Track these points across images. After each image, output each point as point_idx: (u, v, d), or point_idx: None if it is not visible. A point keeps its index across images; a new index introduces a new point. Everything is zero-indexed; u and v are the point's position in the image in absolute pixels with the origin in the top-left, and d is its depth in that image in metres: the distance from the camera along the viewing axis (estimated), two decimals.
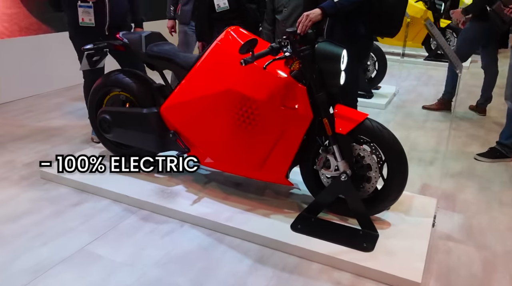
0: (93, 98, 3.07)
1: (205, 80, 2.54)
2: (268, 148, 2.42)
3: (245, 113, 2.40)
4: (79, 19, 3.21)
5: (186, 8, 4.20)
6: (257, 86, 2.36)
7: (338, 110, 2.33)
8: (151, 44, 2.78)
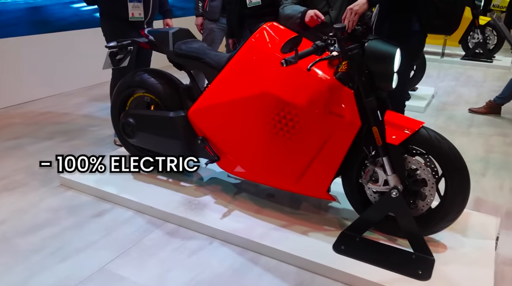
0: (115, 100, 2.87)
1: (237, 82, 2.30)
2: (308, 158, 2.16)
3: (283, 119, 2.15)
4: (129, 14, 3.16)
5: (214, 3, 3.93)
6: (298, 89, 2.11)
7: (389, 117, 2.05)
8: (178, 42, 2.56)
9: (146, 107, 2.79)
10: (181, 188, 2.69)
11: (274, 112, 2.16)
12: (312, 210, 2.48)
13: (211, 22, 3.98)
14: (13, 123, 3.93)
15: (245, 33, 3.44)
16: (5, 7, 4.31)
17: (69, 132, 3.75)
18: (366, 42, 1.99)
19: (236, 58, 2.33)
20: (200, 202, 2.54)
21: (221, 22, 3.91)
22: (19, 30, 4.44)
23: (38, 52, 4.65)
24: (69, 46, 4.97)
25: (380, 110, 2.05)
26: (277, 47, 2.19)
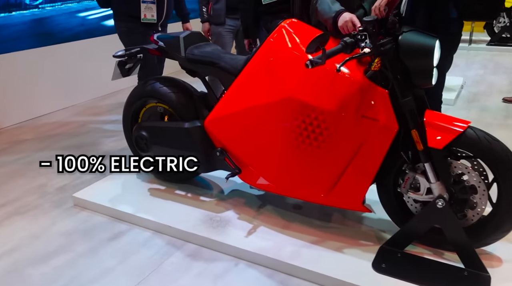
0: (127, 112, 2.70)
1: (257, 87, 2.10)
2: (339, 168, 1.95)
3: (309, 126, 1.93)
4: (141, 15, 3.09)
5: (218, 6, 3.65)
6: (325, 92, 1.89)
7: (429, 117, 1.82)
8: (190, 46, 2.37)
9: (160, 118, 2.62)
10: (201, 203, 2.50)
11: (299, 119, 1.95)
12: (345, 222, 2.26)
13: (217, 26, 3.72)
14: (25, 139, 3.81)
15: (261, 32, 3.23)
16: (11, 20, 4.18)
17: (82, 146, 3.60)
18: (400, 35, 1.77)
19: (254, 61, 2.12)
20: (222, 218, 2.35)
21: (228, 24, 3.68)
22: (25, 43, 4.32)
23: (47, 64, 4.53)
24: (78, 56, 4.84)
25: (419, 111, 1.82)
26: (298, 47, 1.98)
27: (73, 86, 4.80)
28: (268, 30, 3.18)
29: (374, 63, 1.70)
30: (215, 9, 3.67)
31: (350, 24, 1.87)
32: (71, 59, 4.76)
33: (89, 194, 2.65)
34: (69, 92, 4.76)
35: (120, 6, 3.15)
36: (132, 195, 2.62)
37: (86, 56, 4.90)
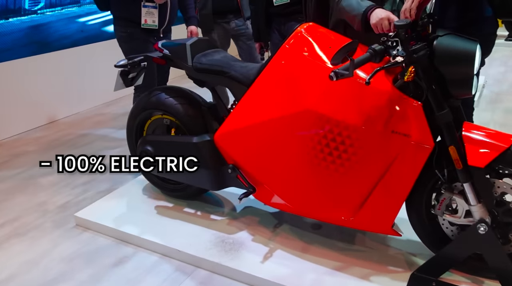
0: (131, 125, 2.52)
1: (271, 98, 1.90)
2: (366, 188, 1.75)
3: (332, 142, 1.73)
4: (142, 21, 2.89)
5: (204, 12, 3.34)
6: (349, 105, 1.69)
7: (468, 131, 1.62)
8: (198, 54, 2.17)
9: (166, 131, 2.43)
10: (211, 223, 2.32)
11: (319, 134, 1.75)
12: (370, 244, 2.06)
13: (207, 32, 3.41)
14: (26, 151, 3.64)
15: (273, 35, 3.03)
16: (10, 27, 4.02)
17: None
18: (435, 40, 1.56)
19: (268, 70, 1.93)
20: (235, 240, 2.16)
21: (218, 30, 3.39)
22: (24, 50, 4.15)
23: (48, 71, 4.36)
24: (80, 63, 4.66)
25: (455, 123, 1.62)
26: (318, 54, 1.78)
27: (75, 94, 4.63)
28: (280, 33, 2.99)
29: (407, 73, 1.49)
30: (202, 15, 3.37)
31: (386, 23, 1.61)
32: (72, 65, 4.58)
33: (92, 213, 2.47)
34: (71, 100, 4.59)
35: (119, 10, 2.95)
36: (137, 213, 2.44)
37: (88, 62, 4.72)
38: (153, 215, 2.42)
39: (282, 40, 3.02)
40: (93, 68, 4.75)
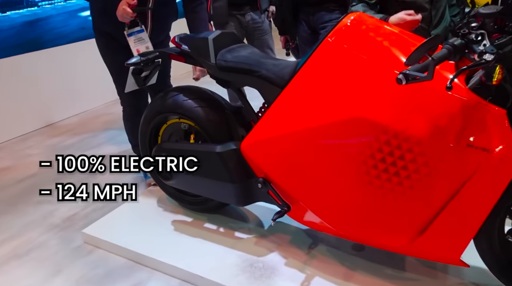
0: (144, 130, 2.24)
1: (312, 102, 1.61)
2: (431, 211, 1.46)
3: (389, 157, 1.44)
4: (134, 54, 2.23)
5: (218, 4, 3.00)
6: (412, 112, 1.39)
7: None
8: (222, 50, 1.88)
9: (183, 137, 2.15)
10: (237, 242, 2.04)
11: (373, 147, 1.46)
12: (425, 270, 1.77)
13: (220, 26, 3.08)
14: (29, 155, 3.38)
15: (300, 27, 2.71)
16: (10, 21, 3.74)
17: None
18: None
19: (307, 68, 1.63)
20: (265, 264, 1.88)
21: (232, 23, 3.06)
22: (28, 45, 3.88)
23: (52, 68, 4.09)
24: (86, 58, 4.37)
25: None
26: (369, 50, 1.48)
27: (80, 91, 4.34)
28: (308, 25, 2.68)
29: (496, 74, 1.19)
30: (215, 8, 3.02)
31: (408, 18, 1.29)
32: (78, 60, 4.30)
33: (102, 229, 2.21)
34: (78, 97, 4.32)
35: (97, 23, 2.41)
36: (152, 229, 2.17)
37: (92, 57, 4.42)
38: (170, 232, 2.15)
39: (310, 33, 2.75)
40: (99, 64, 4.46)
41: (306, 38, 2.73)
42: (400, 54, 1.44)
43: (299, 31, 2.73)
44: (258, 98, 1.94)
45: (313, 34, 2.69)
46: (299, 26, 2.71)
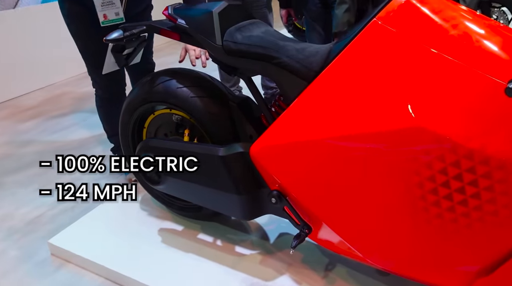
0: (126, 120, 1.84)
1: (350, 102, 1.25)
2: (503, 248, 1.15)
3: (456, 181, 1.11)
4: (100, 19, 1.89)
5: None
6: (493, 126, 1.06)
7: None
8: (230, 28, 1.48)
9: (175, 131, 1.77)
10: (238, 260, 1.70)
11: (435, 167, 1.12)
12: None
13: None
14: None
15: (310, 1, 2.32)
16: None
17: (64, 150, 2.73)
18: None
19: (344, 58, 1.26)
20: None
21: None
22: None
23: (11, 32, 3.55)
24: (50, 21, 3.82)
25: None
26: (439, 39, 1.13)
27: (45, 62, 3.82)
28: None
29: None
30: None
31: None
32: (39, 25, 3.75)
33: (72, 239, 1.83)
34: (40, 69, 3.79)
35: None
36: (135, 241, 1.82)
37: (58, 22, 3.89)
38: (157, 245, 1.79)
39: (321, 6, 2.35)
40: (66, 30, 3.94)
41: (316, 12, 2.34)
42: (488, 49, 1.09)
43: (308, 3, 2.33)
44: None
45: (325, 8, 2.30)
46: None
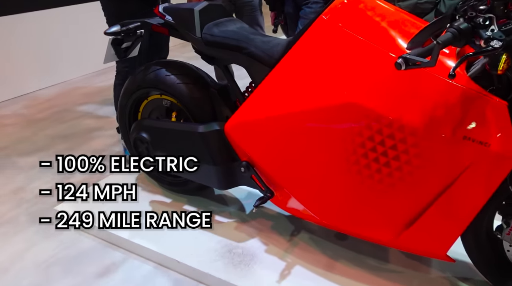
0: (123, 105, 2.13)
1: (302, 84, 1.51)
2: (420, 205, 1.39)
3: (380, 146, 1.36)
4: None
5: None
6: (408, 101, 1.31)
7: None
8: (209, 23, 1.76)
9: (165, 114, 2.04)
10: (216, 226, 1.96)
11: (364, 136, 1.38)
12: (409, 263, 1.72)
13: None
14: (4, 125, 3.23)
15: (287, 3, 2.61)
16: None
17: (72, 137, 3.03)
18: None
19: (298, 47, 1.53)
20: (245, 250, 1.81)
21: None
22: None
23: (31, 33, 3.88)
24: (65, 25, 4.16)
25: None
26: (368, 31, 1.39)
27: (60, 60, 4.16)
28: (294, 1, 2.57)
29: (502, 63, 1.11)
30: None
31: None
32: (57, 28, 4.10)
33: (75, 207, 2.10)
34: (56, 67, 4.13)
35: None
36: (128, 210, 2.08)
37: (75, 25, 4.24)
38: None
39: (295, 8, 2.63)
40: (80, 32, 4.27)
41: (291, 14, 2.64)
42: (401, 37, 1.35)
43: (286, 7, 2.63)
44: (246, 78, 1.84)
45: (297, 10, 2.59)
46: (286, 1, 2.60)
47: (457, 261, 1.64)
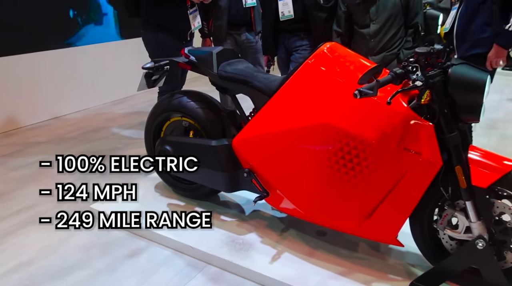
0: (150, 124, 2.64)
1: (291, 110, 2.04)
2: (376, 200, 1.88)
3: (347, 155, 1.87)
4: (191, 26, 3.17)
5: (219, 23, 3.49)
6: (366, 121, 1.83)
7: (473, 154, 1.76)
8: (223, 63, 2.31)
9: (184, 133, 2.55)
10: (221, 223, 2.43)
11: (336, 147, 1.89)
12: (372, 253, 2.19)
13: (218, 42, 3.56)
14: (38, 142, 3.74)
15: (280, 49, 3.23)
16: None
17: (99, 152, 3.52)
18: (450, 68, 1.71)
19: (290, 82, 2.06)
20: (244, 241, 2.28)
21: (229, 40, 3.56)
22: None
23: (64, 66, 4.48)
24: (92, 60, 4.79)
25: (462, 146, 1.76)
26: (340, 72, 1.93)
27: (86, 90, 4.76)
28: (286, 48, 3.19)
29: (424, 97, 1.64)
30: (216, 26, 3.53)
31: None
32: (86, 62, 4.71)
33: (107, 206, 2.57)
34: (82, 95, 4.72)
35: (151, 16, 3.10)
36: (150, 208, 2.55)
37: (100, 60, 4.85)
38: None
39: (286, 54, 3.22)
40: (104, 67, 4.87)
41: (283, 58, 3.24)
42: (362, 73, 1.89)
43: (279, 52, 3.23)
44: (249, 106, 2.36)
45: (288, 55, 3.19)
46: (279, 48, 3.21)
47: (408, 252, 2.12)
